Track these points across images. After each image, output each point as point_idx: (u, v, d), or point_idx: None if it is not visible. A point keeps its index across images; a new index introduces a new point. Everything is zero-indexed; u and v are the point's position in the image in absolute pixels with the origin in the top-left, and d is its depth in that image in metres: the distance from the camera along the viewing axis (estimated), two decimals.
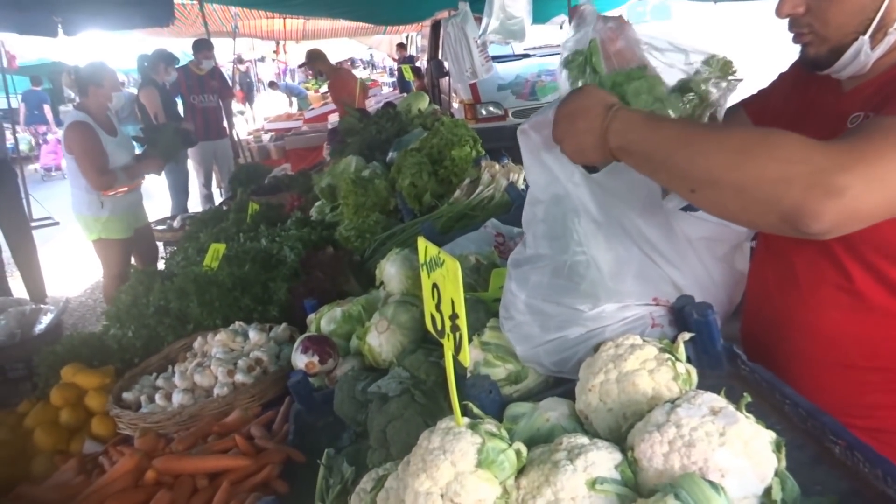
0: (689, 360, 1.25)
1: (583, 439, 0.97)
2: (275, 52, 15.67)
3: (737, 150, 0.99)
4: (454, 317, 0.89)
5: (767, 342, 1.45)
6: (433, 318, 0.97)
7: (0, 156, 5.56)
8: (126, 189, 4.74)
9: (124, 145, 4.81)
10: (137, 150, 5.07)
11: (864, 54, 1.19)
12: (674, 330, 1.27)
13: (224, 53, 11.58)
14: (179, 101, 7.51)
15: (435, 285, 0.93)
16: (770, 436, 0.92)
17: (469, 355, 0.92)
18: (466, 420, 0.97)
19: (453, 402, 0.94)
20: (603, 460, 0.92)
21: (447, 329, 0.93)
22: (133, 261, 5.08)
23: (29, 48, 13.86)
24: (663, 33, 1.48)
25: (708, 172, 1.02)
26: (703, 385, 1.22)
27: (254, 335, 2.33)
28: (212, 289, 2.62)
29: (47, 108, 17.22)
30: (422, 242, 0.96)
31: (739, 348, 1.23)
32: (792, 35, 1.28)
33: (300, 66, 9.27)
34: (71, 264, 7.41)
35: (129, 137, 5.01)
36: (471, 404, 1.05)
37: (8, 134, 6.66)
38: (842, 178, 0.92)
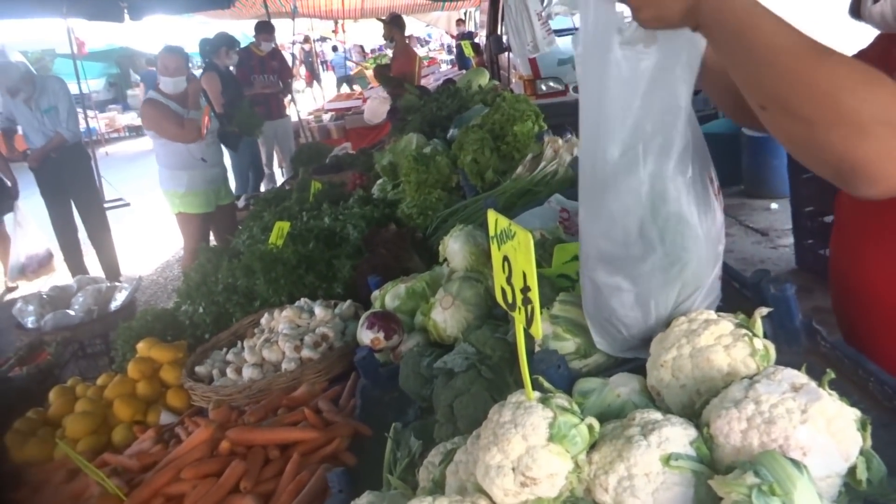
0: (766, 336, 1.21)
1: (656, 415, 0.95)
2: (333, 31, 15.79)
3: (836, 85, 0.86)
4: (526, 289, 0.88)
5: (855, 314, 1.39)
6: (504, 291, 0.96)
7: (74, 139, 5.77)
8: (206, 120, 4.92)
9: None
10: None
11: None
12: None
13: (284, 34, 11.72)
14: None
15: (506, 258, 0.92)
16: (854, 413, 0.89)
17: (541, 328, 0.90)
18: (537, 394, 0.96)
19: (524, 376, 0.94)
20: (677, 436, 0.90)
21: (518, 302, 0.92)
22: (213, 238, 5.24)
23: (97, 34, 14.32)
24: None
25: (789, 97, 0.90)
26: (781, 361, 1.18)
27: (319, 311, 2.36)
28: (277, 266, 2.68)
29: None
30: (492, 215, 0.95)
31: (819, 324, 1.19)
32: None
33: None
34: (142, 244, 7.68)
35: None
36: (541, 378, 1.04)
37: (80, 118, 6.92)
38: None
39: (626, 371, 1.22)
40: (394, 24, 7.43)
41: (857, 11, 1.24)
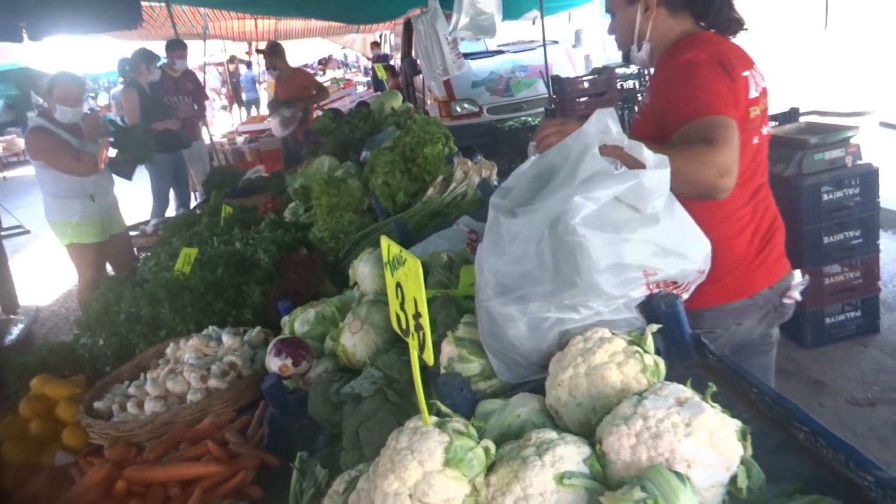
0: (657, 352, 1.26)
1: (551, 434, 0.97)
2: (247, 52, 15.56)
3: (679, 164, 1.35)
4: (417, 315, 0.88)
5: None
6: (398, 317, 0.96)
7: None
8: (104, 155, 4.74)
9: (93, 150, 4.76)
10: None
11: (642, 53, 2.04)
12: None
13: (195, 55, 11.45)
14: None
15: (399, 284, 0.92)
16: (735, 424, 0.93)
17: (432, 354, 0.91)
18: (434, 419, 0.96)
19: (420, 401, 0.93)
20: (571, 454, 0.92)
21: (411, 328, 0.92)
22: (109, 268, 5.01)
23: None
24: None
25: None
26: (672, 375, 1.23)
27: (227, 339, 2.30)
28: (184, 294, 2.59)
29: None
30: (384, 241, 0.95)
31: (706, 338, 1.24)
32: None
33: (258, 51, 9.13)
34: (43, 273, 7.29)
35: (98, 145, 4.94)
36: (439, 403, 1.04)
37: None
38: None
39: (527, 390, 1.24)
40: (272, 53, 7.39)
41: (627, 58, 2.14)
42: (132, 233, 5.55)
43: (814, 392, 3.39)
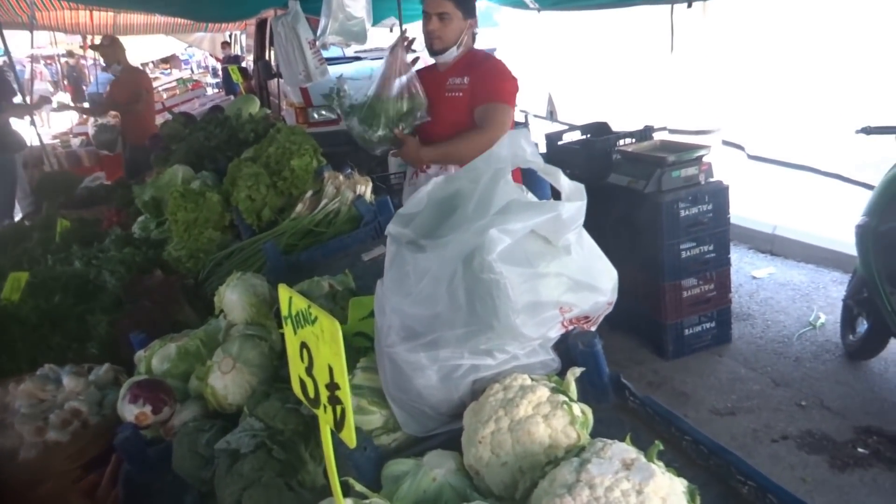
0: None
1: None
2: (82, 46, 14.28)
3: (459, 149, 2.77)
4: (334, 387, 0.73)
5: None
6: (303, 382, 0.80)
7: None
8: None
9: None
10: None
11: (451, 53, 2.92)
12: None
13: (21, 47, 10.35)
14: None
15: (304, 345, 0.76)
16: (683, 485, 0.85)
17: (354, 433, 0.76)
18: (349, 502, 0.81)
19: (333, 485, 0.78)
20: None
21: (323, 399, 0.76)
22: None
23: None
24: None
25: (461, 157, 2.55)
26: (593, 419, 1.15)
27: (68, 381, 1.99)
28: (12, 327, 2.23)
29: None
30: (284, 292, 0.79)
31: (626, 378, 1.18)
32: (428, 40, 2.96)
33: (91, 47, 8.20)
34: None
35: None
36: (351, 481, 0.89)
37: None
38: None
39: (436, 444, 1.12)
40: (110, 45, 6.62)
41: (435, 56, 3.02)
42: None
43: (679, 403, 3.52)
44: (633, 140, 4.46)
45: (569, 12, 6.94)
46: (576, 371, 1.09)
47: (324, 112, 8.60)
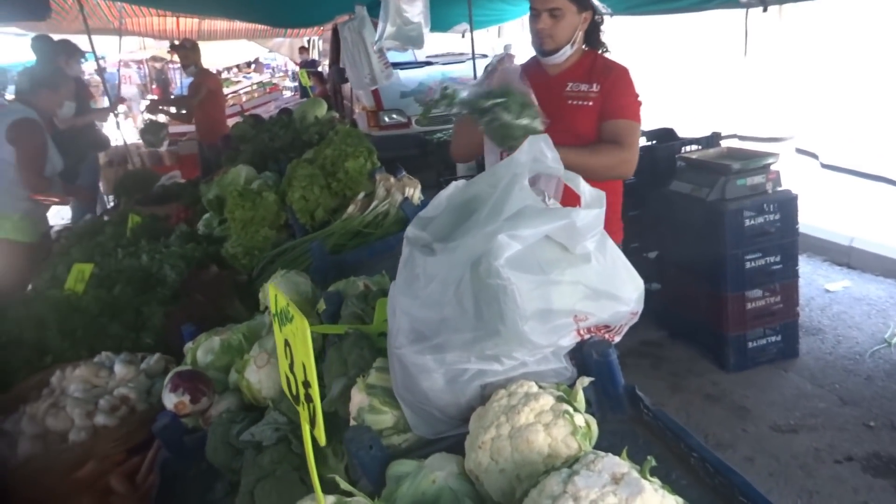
0: (589, 403, 1.15)
1: None
2: (168, 52, 14.95)
3: (595, 161, 2.41)
4: (307, 384, 0.74)
5: None
6: (288, 379, 0.81)
7: None
8: (56, 200, 4.46)
9: (55, 152, 4.43)
10: None
11: (564, 53, 2.55)
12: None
13: (111, 52, 10.92)
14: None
15: (287, 343, 0.78)
16: (675, 502, 0.82)
17: (323, 432, 0.77)
18: (331, 499, 0.82)
19: (313, 479, 0.79)
20: None
21: (301, 396, 0.78)
22: None
23: None
24: None
25: (592, 170, 2.27)
26: (604, 430, 1.12)
27: (120, 369, 2.08)
28: (74, 316, 2.35)
29: None
30: (272, 290, 0.81)
31: (641, 391, 1.14)
32: (537, 40, 2.55)
33: (171, 48, 8.50)
34: None
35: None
36: (337, 478, 0.90)
37: None
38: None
39: (447, 447, 1.12)
40: (192, 50, 6.86)
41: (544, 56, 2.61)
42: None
43: (737, 418, 3.39)
44: (699, 147, 4.34)
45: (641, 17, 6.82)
46: (584, 381, 1.06)
47: (395, 116, 8.74)
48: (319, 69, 13.25)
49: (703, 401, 3.60)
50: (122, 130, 7.72)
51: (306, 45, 15.55)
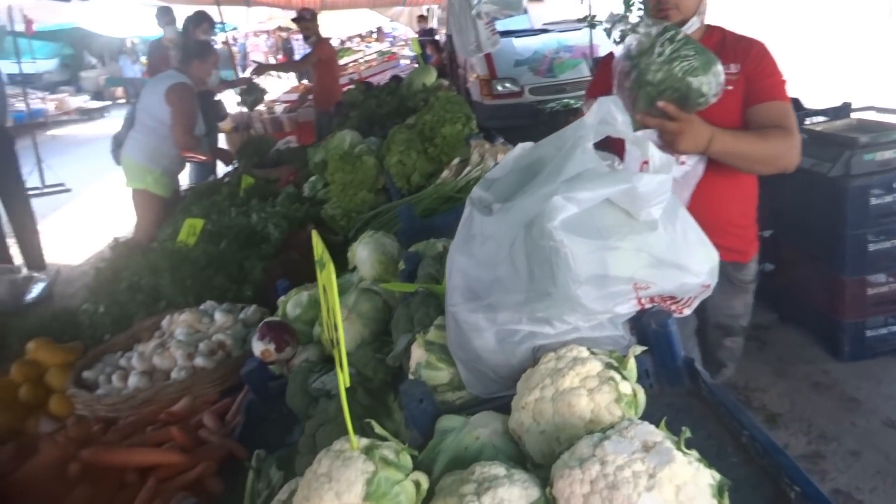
0: (647, 374, 1.13)
1: (498, 469, 0.85)
2: (294, 20, 15.47)
3: (765, 147, 2.01)
4: (335, 328, 0.77)
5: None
6: (326, 325, 0.85)
7: None
8: (203, 158, 4.89)
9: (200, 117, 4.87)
10: None
11: (692, 25, 2.09)
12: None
13: (239, 22, 11.43)
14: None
15: (324, 288, 0.81)
16: (711, 478, 0.80)
17: (348, 375, 0.79)
18: (364, 442, 0.85)
19: (347, 421, 0.82)
20: (514, 498, 0.80)
21: (334, 340, 0.81)
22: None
23: (47, 13, 13.77)
24: None
25: (761, 159, 2.03)
26: (661, 402, 1.10)
27: (219, 317, 2.23)
28: (184, 266, 2.53)
29: None
30: (315, 236, 0.84)
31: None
32: (658, 9, 2.09)
33: (294, 20, 8.88)
34: (79, 232, 7.38)
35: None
36: (374, 424, 0.93)
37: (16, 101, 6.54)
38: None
39: (498, 406, 1.13)
40: (313, 20, 7.20)
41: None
42: None
43: (846, 410, 3.18)
44: (826, 119, 4.03)
45: None
46: (636, 349, 1.04)
47: (508, 84, 8.66)
48: (436, 38, 13.29)
49: (810, 389, 3.40)
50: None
51: (425, 14, 15.62)
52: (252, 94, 6.92)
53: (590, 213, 1.07)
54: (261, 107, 9.68)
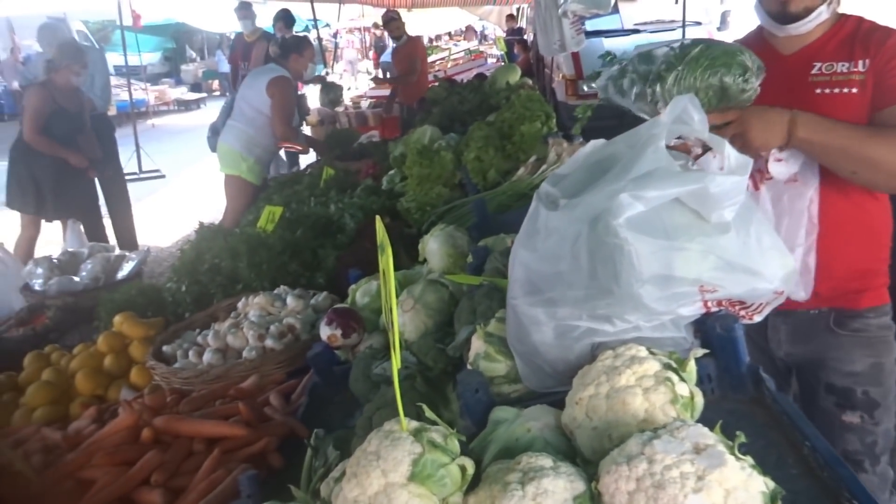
0: (709, 379, 1.10)
1: (545, 461, 0.85)
2: (381, 25, 15.79)
3: (883, 146, 1.60)
4: (390, 311, 0.78)
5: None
6: (384, 307, 0.86)
7: (102, 109, 5.83)
8: (300, 148, 5.17)
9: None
10: None
11: (819, 15, 1.74)
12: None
13: (331, 19, 11.72)
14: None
15: (384, 272, 0.83)
16: (765, 485, 0.77)
17: (399, 358, 0.81)
18: (413, 424, 0.86)
19: (398, 402, 0.84)
20: (559, 490, 0.80)
21: (389, 322, 0.82)
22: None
23: (154, 8, 14.52)
24: None
25: (869, 159, 1.62)
26: (723, 407, 1.07)
27: (291, 301, 2.30)
28: (261, 251, 2.61)
29: None
30: (378, 222, 0.86)
31: (766, 372, 1.06)
32: None
33: (381, 26, 9.22)
34: (170, 216, 7.75)
35: None
36: (425, 408, 0.94)
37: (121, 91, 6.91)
38: None
39: (554, 401, 1.12)
40: (400, 21, 7.45)
41: (784, 22, 1.80)
42: None
43: None
44: None
45: None
46: (698, 352, 1.01)
47: (594, 85, 8.54)
48: (525, 37, 13.26)
49: None
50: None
51: (514, 14, 15.61)
52: (330, 92, 7.10)
53: (657, 212, 1.05)
54: (346, 101, 9.90)
